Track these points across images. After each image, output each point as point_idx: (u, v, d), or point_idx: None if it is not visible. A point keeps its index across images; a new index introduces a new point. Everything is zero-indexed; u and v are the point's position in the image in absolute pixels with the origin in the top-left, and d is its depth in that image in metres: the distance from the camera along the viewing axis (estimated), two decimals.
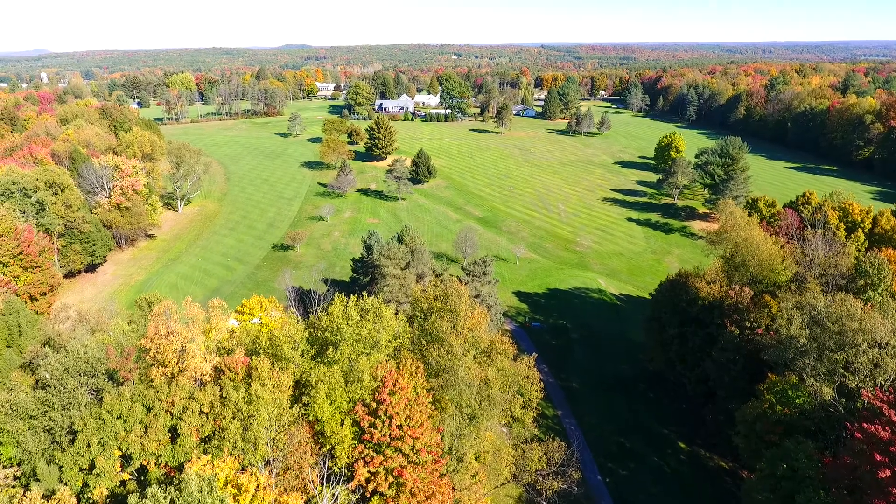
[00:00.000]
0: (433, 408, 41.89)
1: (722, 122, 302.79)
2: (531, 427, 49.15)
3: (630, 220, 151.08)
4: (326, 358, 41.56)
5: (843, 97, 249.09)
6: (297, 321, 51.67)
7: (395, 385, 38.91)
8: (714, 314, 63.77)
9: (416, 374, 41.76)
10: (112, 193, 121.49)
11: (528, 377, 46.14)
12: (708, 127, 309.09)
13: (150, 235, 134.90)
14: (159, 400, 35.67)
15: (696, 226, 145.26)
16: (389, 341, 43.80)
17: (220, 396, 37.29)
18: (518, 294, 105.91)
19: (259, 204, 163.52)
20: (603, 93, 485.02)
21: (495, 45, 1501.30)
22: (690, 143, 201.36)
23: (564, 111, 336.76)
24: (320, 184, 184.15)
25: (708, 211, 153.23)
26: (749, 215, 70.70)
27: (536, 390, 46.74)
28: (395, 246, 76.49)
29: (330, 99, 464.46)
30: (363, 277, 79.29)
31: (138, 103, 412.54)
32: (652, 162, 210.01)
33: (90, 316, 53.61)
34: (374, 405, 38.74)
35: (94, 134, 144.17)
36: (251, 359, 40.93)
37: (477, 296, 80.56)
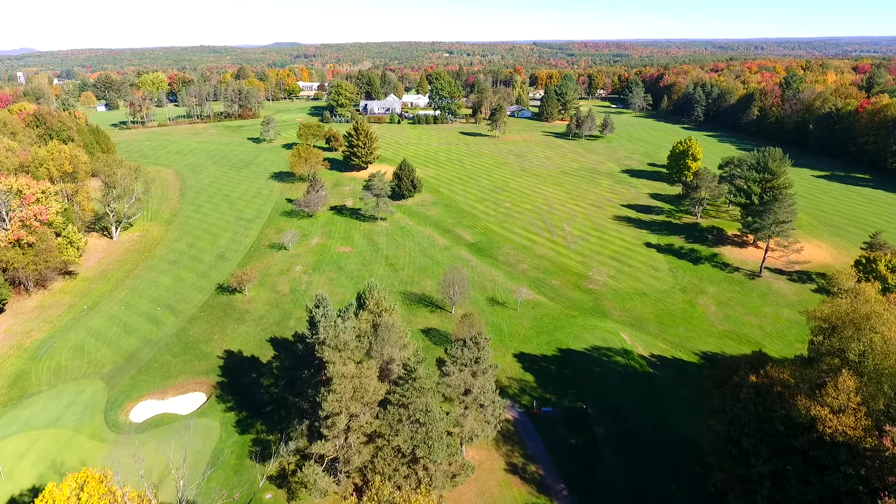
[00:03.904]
0: None
1: (733, 123, 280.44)
2: None
3: (649, 245, 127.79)
4: None
5: (869, 96, 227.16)
6: None
7: None
8: (840, 454, 40.60)
9: None
10: (10, 226, 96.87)
11: None
12: (718, 129, 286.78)
13: (69, 273, 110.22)
14: None
15: (729, 253, 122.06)
16: None
17: None
18: (520, 358, 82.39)
19: (212, 227, 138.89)
20: (601, 91, 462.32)
21: (487, 43, 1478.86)
22: (702, 147, 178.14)
23: (563, 112, 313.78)
24: (288, 200, 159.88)
25: (740, 234, 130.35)
26: (879, 286, 47.53)
27: None
28: (348, 328, 52.52)
29: (313, 99, 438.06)
30: (304, 370, 55.31)
31: (106, 105, 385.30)
32: (663, 171, 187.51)
33: None
34: None
35: (4, 148, 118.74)
36: None
37: (467, 392, 57.01)
